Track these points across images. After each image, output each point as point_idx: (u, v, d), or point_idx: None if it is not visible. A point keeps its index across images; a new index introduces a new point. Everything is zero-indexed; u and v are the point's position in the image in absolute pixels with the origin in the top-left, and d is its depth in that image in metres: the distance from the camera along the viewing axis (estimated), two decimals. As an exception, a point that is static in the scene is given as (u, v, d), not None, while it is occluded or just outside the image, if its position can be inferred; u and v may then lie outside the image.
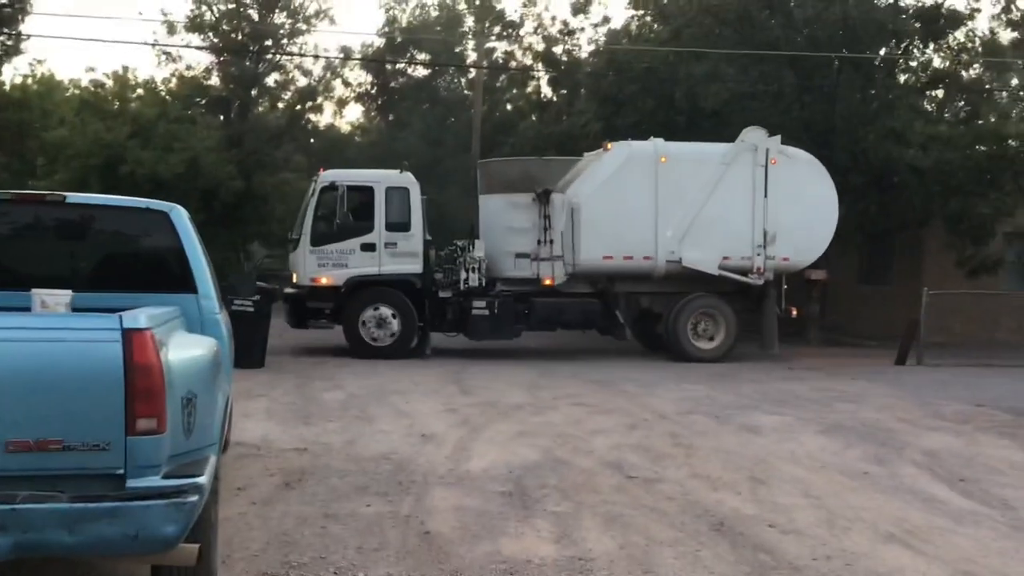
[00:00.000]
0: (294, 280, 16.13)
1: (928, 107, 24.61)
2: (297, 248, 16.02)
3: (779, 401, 12.27)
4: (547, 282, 16.20)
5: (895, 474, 8.22)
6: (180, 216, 5.83)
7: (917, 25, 21.69)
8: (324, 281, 15.77)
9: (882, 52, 22.34)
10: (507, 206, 16.50)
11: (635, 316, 16.79)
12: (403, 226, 15.91)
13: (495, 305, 16.05)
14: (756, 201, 16.28)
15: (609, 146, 16.58)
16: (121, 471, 3.83)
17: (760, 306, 16.81)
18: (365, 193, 15.89)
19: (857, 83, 21.36)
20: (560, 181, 16.65)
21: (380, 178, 16.28)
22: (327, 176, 16.13)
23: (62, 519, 3.67)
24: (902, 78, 23.53)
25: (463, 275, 16.12)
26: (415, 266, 15.94)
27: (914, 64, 23.55)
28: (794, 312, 16.94)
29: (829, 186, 16.85)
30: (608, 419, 10.65)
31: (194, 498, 3.88)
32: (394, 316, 15.78)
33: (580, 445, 9.09)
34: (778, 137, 16.88)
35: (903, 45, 22.82)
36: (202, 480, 4.01)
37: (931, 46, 23.10)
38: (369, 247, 15.81)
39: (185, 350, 4.44)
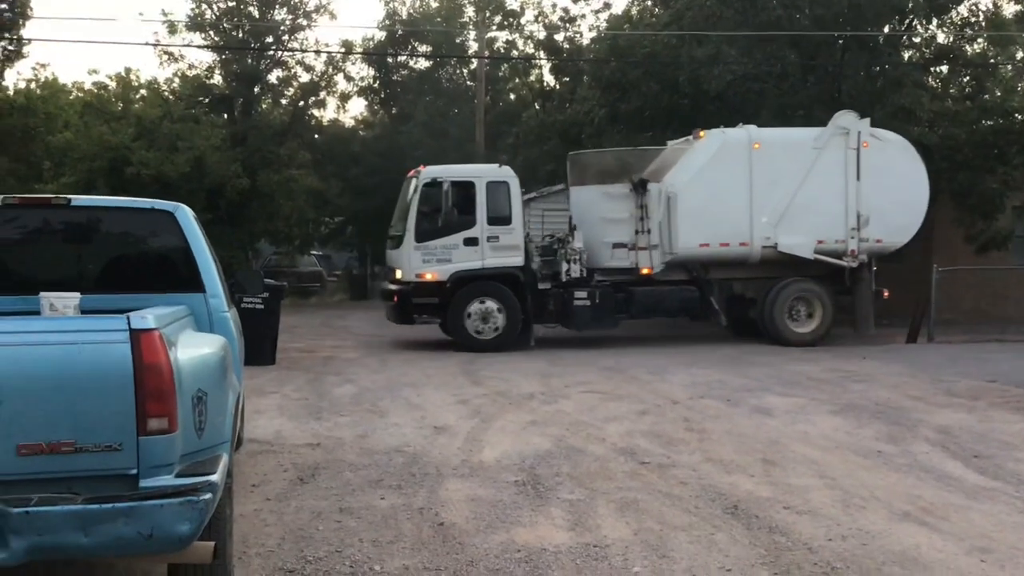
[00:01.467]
0: (397, 276, 16.21)
1: (933, 83, 24.48)
2: (401, 245, 16.09)
3: (790, 383, 12.25)
4: (645, 271, 16.35)
5: (908, 452, 8.20)
6: (186, 215, 5.83)
7: (920, 0, 21.53)
8: (429, 277, 15.88)
9: (886, 29, 22.20)
10: (602, 197, 16.58)
11: (728, 302, 16.87)
12: (504, 220, 16.03)
13: (596, 295, 16.19)
14: (849, 184, 16.37)
15: (702, 134, 16.63)
16: (134, 471, 3.85)
17: (853, 288, 16.82)
18: (466, 188, 15.98)
19: (862, 61, 21.24)
20: (646, 171, 16.71)
21: (480, 173, 16.49)
22: (428, 173, 16.22)
23: (77, 521, 3.69)
24: (906, 55, 23.40)
25: (564, 266, 16.26)
26: (517, 259, 16.09)
27: (918, 40, 23.41)
28: (885, 293, 16.92)
29: (919, 167, 16.89)
30: (620, 406, 10.64)
31: (207, 496, 3.89)
32: (499, 309, 15.93)
33: (593, 432, 9.09)
34: (868, 120, 16.96)
35: (907, 22, 22.68)
36: (215, 478, 4.02)
37: (935, 22, 22.96)
38: (472, 241, 15.95)
39: (194, 349, 4.45)
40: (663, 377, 12.82)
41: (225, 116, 28.16)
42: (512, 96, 39.10)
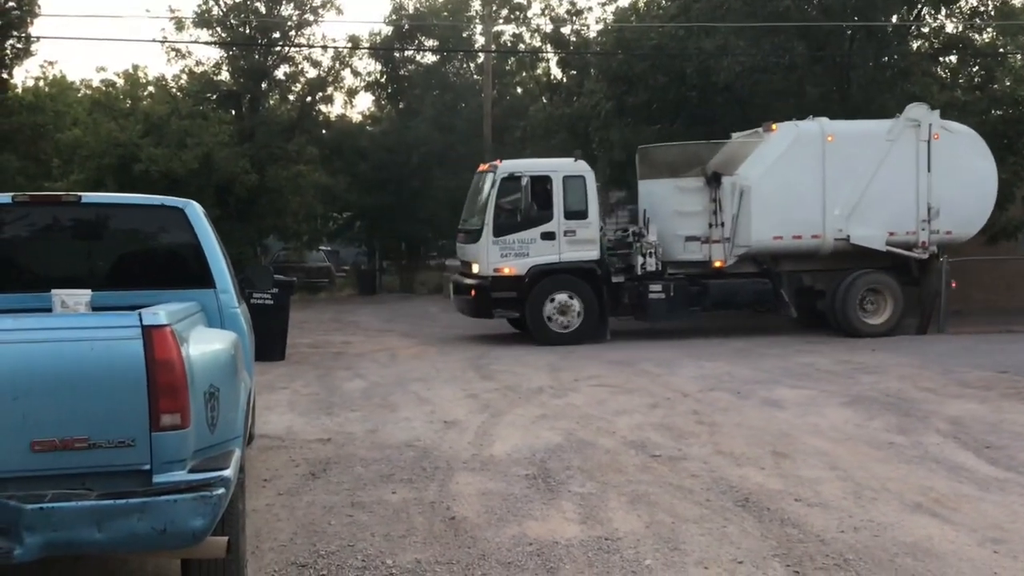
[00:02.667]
0: (475, 271, 16.28)
1: (942, 73, 24.37)
2: (479, 239, 16.16)
3: (800, 375, 12.23)
4: (717, 264, 16.44)
5: (920, 443, 8.18)
6: (195, 212, 5.85)
7: (928, -10, 21.45)
8: (507, 271, 15.95)
9: (894, 19, 22.10)
10: (674, 190, 16.63)
11: (796, 294, 16.91)
12: (581, 214, 16.09)
13: (671, 288, 16.31)
14: (920, 176, 16.42)
15: (774, 127, 16.64)
16: (147, 467, 3.86)
17: (921, 280, 16.88)
18: (543, 183, 16.05)
19: (871, 51, 21.15)
20: (709, 163, 16.72)
21: (557, 167, 16.46)
22: (506, 167, 16.31)
23: (91, 516, 3.70)
24: (915, 45, 23.30)
25: (639, 260, 16.33)
26: (593, 253, 16.16)
27: (927, 30, 23.30)
28: (953, 284, 16.92)
29: (988, 159, 16.91)
30: (630, 399, 10.64)
31: (220, 491, 3.90)
32: (576, 303, 16.00)
33: (603, 426, 9.09)
34: (937, 112, 17.00)
35: (915, 11, 22.57)
36: (228, 473, 4.03)
37: (943, 11, 22.83)
38: (549, 236, 16.01)
39: (206, 345, 4.46)
40: (672, 370, 12.82)
41: (233, 112, 28.16)
42: (519, 90, 39.02)
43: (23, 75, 60.06)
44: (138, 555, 4.88)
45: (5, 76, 23.56)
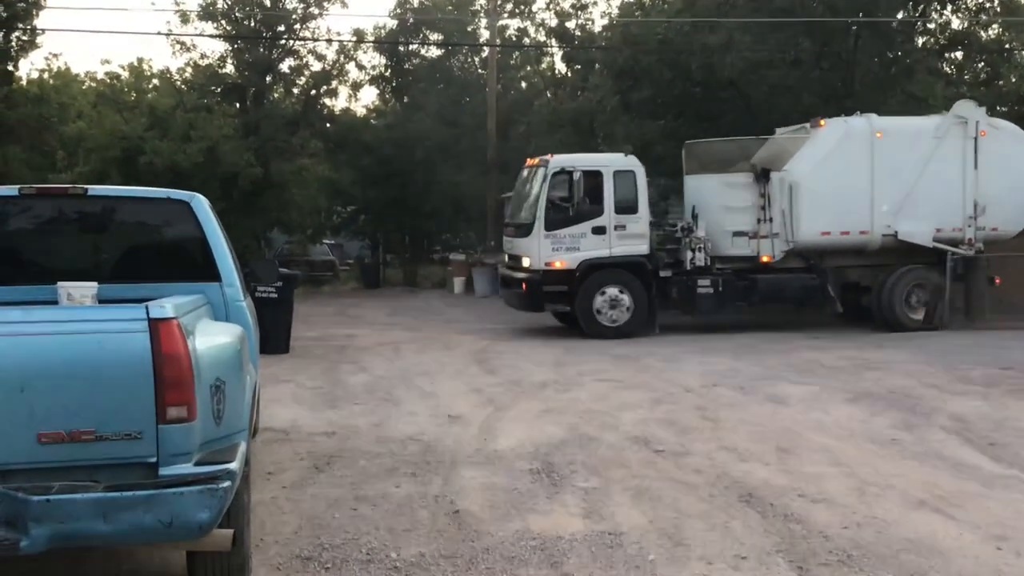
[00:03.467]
0: (525, 265, 16.30)
1: (948, 69, 24.35)
2: (530, 233, 16.22)
3: (804, 371, 12.23)
4: (765, 259, 16.47)
5: (924, 440, 8.18)
6: (201, 205, 5.85)
7: (935, -13, 21.42)
8: (558, 265, 16.00)
9: (900, 15, 22.07)
10: (723, 186, 16.66)
11: (841, 289, 16.94)
12: (631, 208, 16.16)
13: (719, 283, 16.38)
14: (967, 173, 16.47)
15: (822, 123, 16.69)
16: (154, 459, 3.88)
17: (966, 276, 16.91)
18: (594, 177, 16.10)
19: (875, 48, 21.13)
20: (753, 159, 16.72)
21: (608, 162, 16.56)
22: (557, 162, 16.31)
23: (97, 508, 3.72)
24: (920, 41, 23.27)
25: (688, 255, 16.37)
26: (643, 247, 16.26)
27: (932, 26, 23.26)
28: (997, 280, 16.96)
29: None
30: (633, 394, 10.65)
31: (226, 484, 3.91)
32: (626, 297, 16.08)
33: (607, 421, 9.10)
34: (983, 108, 17.08)
35: (921, 7, 22.54)
36: (233, 466, 4.04)
37: (949, 7, 22.81)
38: (600, 230, 16.07)
39: (212, 338, 4.47)
40: (676, 365, 12.81)
41: (237, 106, 28.14)
42: (523, 84, 38.99)
43: (28, 67, 60.03)
44: (144, 547, 4.91)
45: (10, 68, 23.54)
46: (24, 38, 23.05)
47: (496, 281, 25.97)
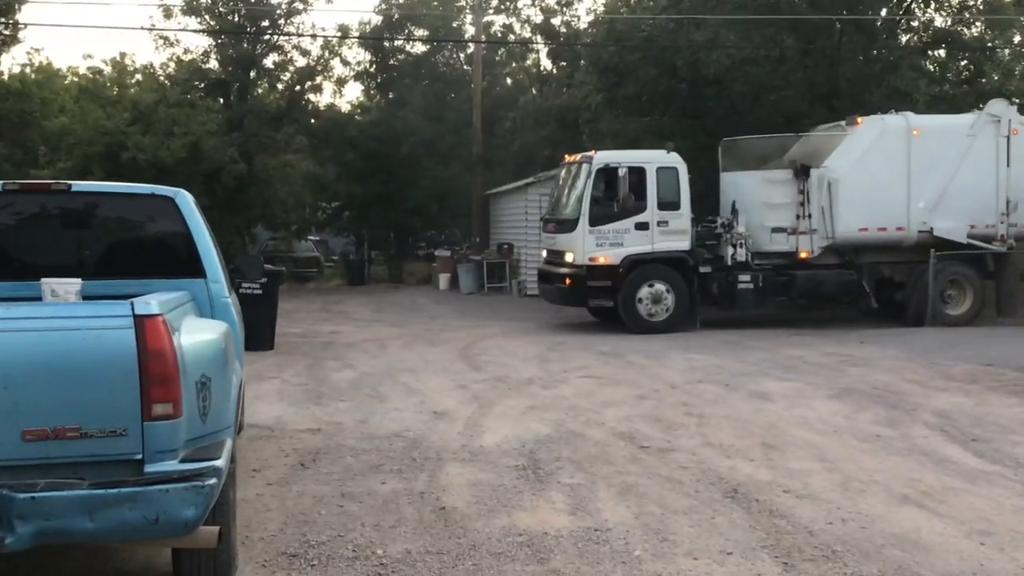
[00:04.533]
0: (568, 260, 16.48)
1: (931, 67, 24.47)
2: (573, 229, 16.36)
3: (788, 367, 12.28)
4: (803, 255, 16.61)
5: (907, 436, 8.24)
6: (186, 201, 5.83)
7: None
8: (602, 260, 16.15)
9: (883, 13, 22.17)
10: (762, 182, 16.77)
11: (875, 285, 17.06)
12: (674, 205, 16.32)
13: (759, 279, 16.50)
14: (1000, 170, 16.69)
15: (859, 120, 16.84)
16: (139, 456, 3.87)
17: (997, 272, 17.11)
18: (638, 174, 16.21)
19: (859, 45, 21.23)
20: (786, 156, 16.85)
21: (651, 159, 16.66)
22: (601, 158, 16.46)
23: (83, 506, 3.70)
24: (904, 39, 23.38)
25: (729, 250, 16.49)
26: (684, 243, 16.41)
27: (916, 24, 23.38)
28: None
29: None
30: (618, 390, 10.67)
31: (212, 481, 3.90)
32: (668, 292, 16.20)
33: (592, 417, 9.11)
34: (1015, 107, 17.27)
35: (904, 5, 22.65)
36: (219, 463, 4.04)
37: (932, 5, 22.93)
38: (643, 226, 16.22)
39: (197, 335, 4.45)
40: (661, 362, 12.85)
41: (221, 101, 28.01)
42: (509, 81, 39.01)
43: (10, 62, 59.57)
44: (129, 544, 4.89)
45: (-9, 63, 23.38)
46: (6, 32, 22.87)
47: (481, 278, 26.09)
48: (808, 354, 13.43)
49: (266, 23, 28.48)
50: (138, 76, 28.56)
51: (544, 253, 18.08)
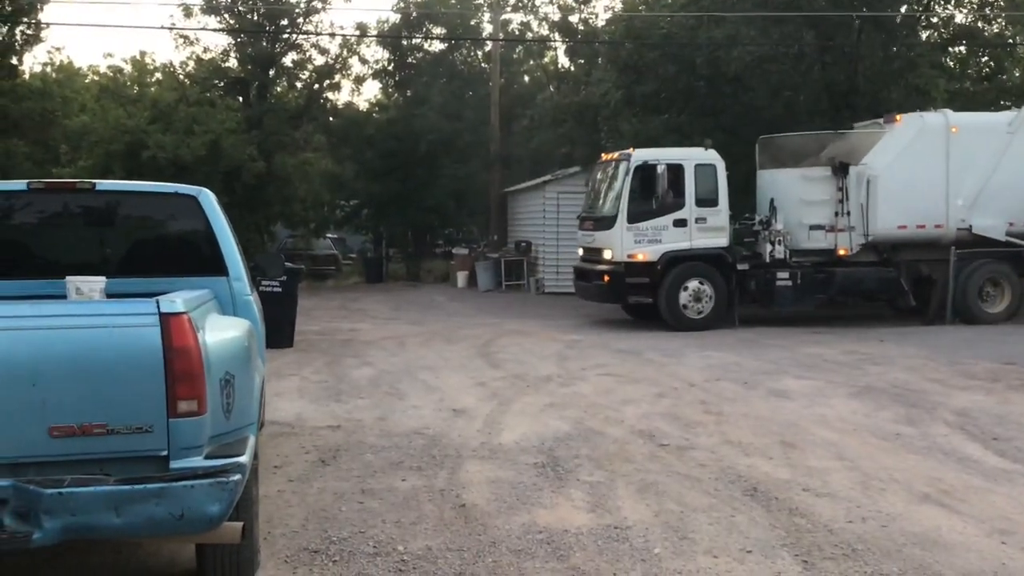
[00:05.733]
0: (606, 257, 16.57)
1: (951, 64, 24.31)
2: (612, 226, 16.42)
3: (807, 365, 12.25)
4: (842, 252, 16.57)
5: (927, 434, 8.21)
6: (208, 199, 5.87)
7: (939, -20, 21.38)
8: (641, 257, 16.23)
9: (903, 9, 22.04)
10: (800, 180, 16.74)
11: (913, 283, 17.03)
12: (712, 201, 16.39)
13: (798, 276, 16.48)
14: None
15: (898, 118, 16.81)
16: (164, 453, 3.91)
17: None
18: (676, 171, 16.26)
19: (879, 42, 21.10)
20: (823, 153, 16.76)
21: (688, 156, 16.71)
22: (640, 156, 16.50)
23: (109, 501, 3.75)
24: (924, 35, 23.24)
25: (767, 248, 16.49)
26: (722, 240, 16.47)
27: (936, 20, 23.23)
28: None
29: None
30: (637, 388, 10.67)
31: (236, 477, 3.94)
32: (708, 289, 16.28)
33: (610, 415, 9.13)
34: None
35: (924, 2, 22.51)
36: (243, 459, 4.08)
37: (952, 2, 22.78)
38: (681, 223, 16.29)
39: (221, 332, 4.49)
40: (679, 360, 12.84)
41: (240, 99, 28.14)
42: (527, 78, 38.98)
43: (31, 61, 60.06)
44: (152, 540, 4.93)
45: (15, 62, 23.55)
46: (28, 32, 23.04)
47: (498, 275, 26.13)
48: (827, 352, 13.39)
49: (285, 22, 28.61)
50: (158, 75, 28.75)
51: (580, 251, 18.08)
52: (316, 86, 30.05)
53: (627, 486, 6.63)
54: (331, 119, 31.62)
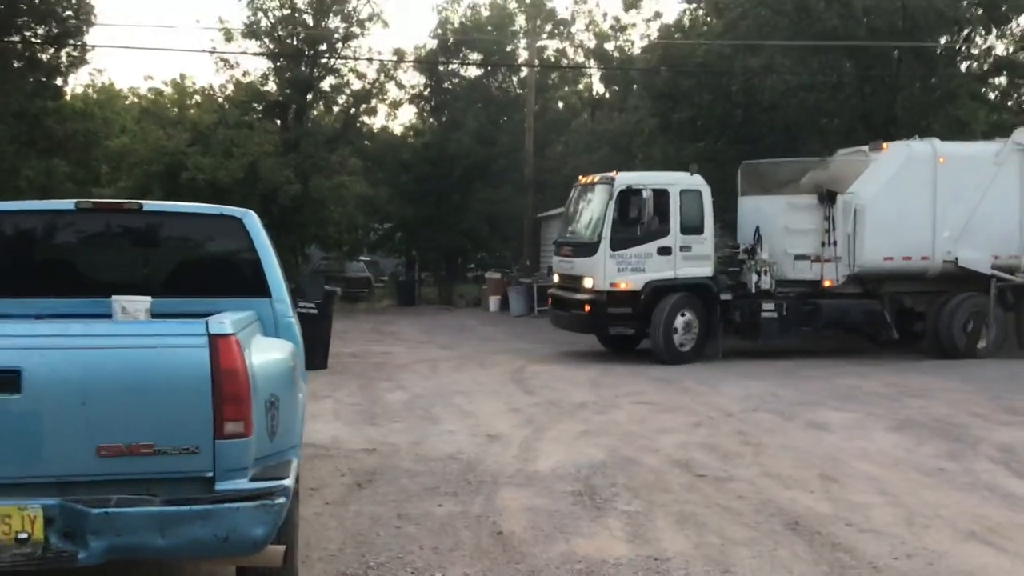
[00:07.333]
0: (587, 286, 15.71)
1: (991, 95, 24.13)
2: (594, 253, 15.61)
3: (845, 397, 12.10)
4: (827, 284, 16.13)
5: (971, 470, 8.06)
6: (253, 221, 5.91)
7: (979, 12, 21.24)
8: (624, 286, 15.49)
9: (943, 40, 21.93)
10: (785, 207, 16.29)
11: (896, 316, 16.68)
12: (697, 229, 15.74)
13: (784, 307, 15.96)
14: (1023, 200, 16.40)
15: (884, 146, 16.48)
16: (210, 474, 3.91)
17: (1017, 304, 16.66)
18: (661, 196, 15.59)
19: (918, 72, 20.99)
20: (804, 180, 16.46)
21: (673, 181, 16.04)
22: (623, 180, 15.80)
23: (155, 522, 3.76)
24: (963, 66, 23.09)
25: (754, 278, 15.94)
26: (707, 269, 15.83)
27: (976, 52, 23.09)
28: None
29: None
30: (672, 417, 10.59)
31: (281, 500, 3.94)
32: (694, 320, 15.66)
33: (646, 443, 9.05)
34: None
35: (964, 32, 22.38)
36: (288, 482, 4.08)
37: (994, 32, 22.63)
38: (665, 251, 15.61)
39: (266, 354, 4.50)
40: (715, 389, 12.73)
41: (278, 122, 28.46)
42: (561, 104, 39.11)
43: (72, 82, 61.05)
44: (192, 561, 4.94)
45: (60, 83, 23.97)
46: (74, 54, 23.46)
47: (531, 300, 26.05)
48: (865, 384, 13.22)
49: (324, 47, 28.91)
50: (197, 97, 29.14)
51: (556, 278, 17.31)
52: (353, 110, 30.36)
53: (666, 517, 6.55)
54: (367, 143, 31.88)
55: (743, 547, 5.88)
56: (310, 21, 28.52)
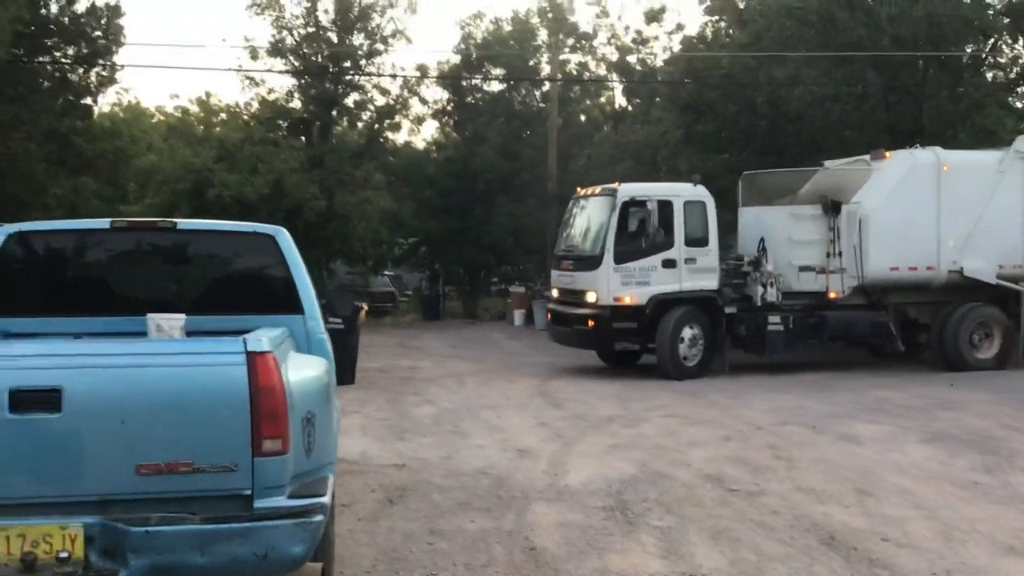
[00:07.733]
0: (590, 300, 15.30)
1: (1018, 104, 23.95)
2: (597, 267, 15.24)
3: (876, 410, 11.99)
4: (832, 295, 15.90)
5: (1007, 483, 7.97)
6: (286, 239, 5.93)
7: (1005, 20, 21.11)
8: (628, 300, 15.12)
9: (969, 49, 21.80)
10: (789, 218, 16.05)
11: (901, 327, 16.45)
12: (702, 241, 15.44)
13: (790, 320, 15.67)
14: None
15: (888, 155, 16.32)
16: (249, 492, 3.92)
17: (1022, 313, 16.38)
18: (665, 208, 15.29)
19: (944, 82, 20.86)
20: (802, 189, 16.14)
21: (678, 192, 15.73)
22: (626, 191, 15.48)
23: (194, 540, 3.77)
24: (990, 75, 22.95)
25: (759, 290, 15.65)
26: (712, 282, 15.51)
27: (1003, 60, 22.93)
28: None
29: None
30: (702, 431, 10.53)
31: (319, 517, 3.95)
32: (700, 334, 15.39)
33: (677, 457, 9.00)
34: None
35: (991, 41, 22.24)
36: (325, 499, 4.08)
37: (1020, 41, 22.48)
38: (670, 263, 15.26)
39: (302, 371, 4.51)
40: (744, 402, 12.65)
41: (303, 139, 28.64)
42: (583, 117, 39.08)
43: (101, 100, 61.67)
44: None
45: (89, 103, 24.26)
46: (103, 74, 23.74)
47: (556, 314, 25.97)
48: (896, 396, 13.10)
49: (348, 64, 29.08)
50: (223, 115, 29.38)
51: (555, 292, 16.83)
52: (376, 126, 30.50)
53: (699, 532, 6.51)
54: (391, 158, 32.01)
55: (779, 563, 5.84)
56: (334, 39, 28.71)
